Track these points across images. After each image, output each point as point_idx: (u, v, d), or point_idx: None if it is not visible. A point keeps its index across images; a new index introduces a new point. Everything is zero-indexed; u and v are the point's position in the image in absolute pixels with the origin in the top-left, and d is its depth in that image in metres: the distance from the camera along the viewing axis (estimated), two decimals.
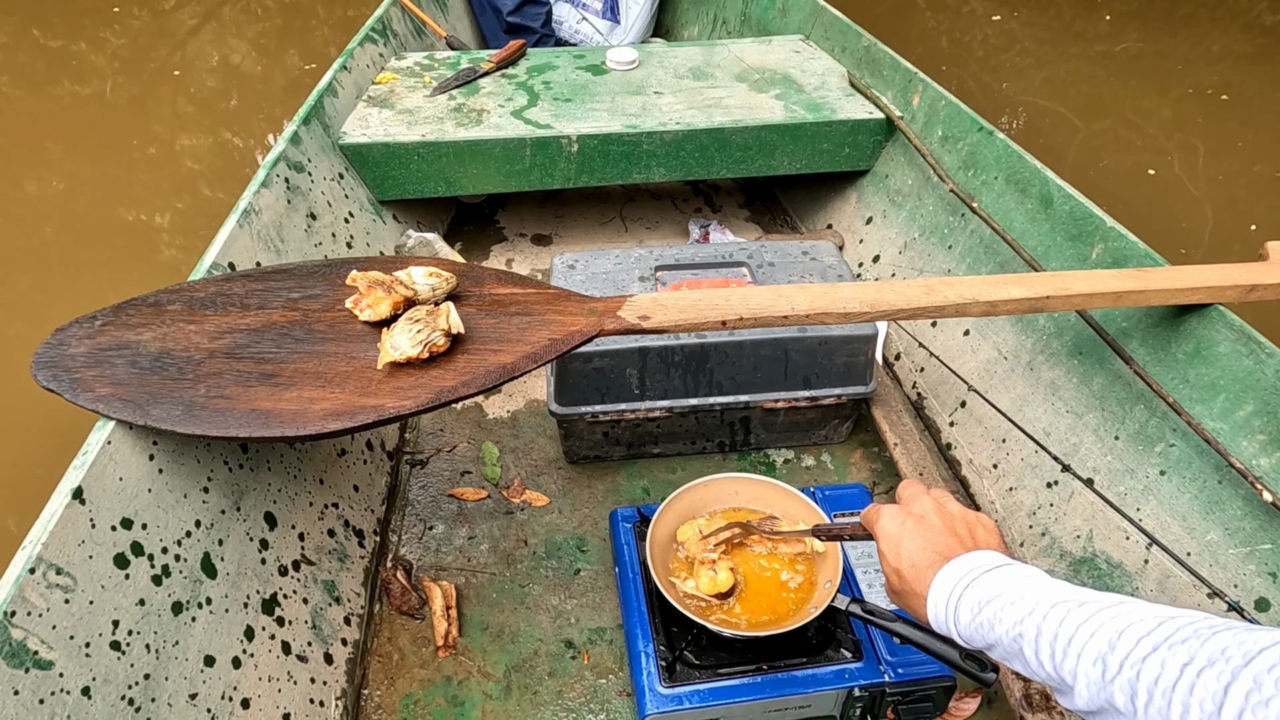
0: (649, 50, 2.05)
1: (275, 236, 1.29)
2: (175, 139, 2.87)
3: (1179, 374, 1.08)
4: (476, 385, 0.88)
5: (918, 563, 0.65)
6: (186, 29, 3.75)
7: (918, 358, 1.56)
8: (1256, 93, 3.04)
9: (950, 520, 0.67)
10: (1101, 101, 3.01)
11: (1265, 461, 0.96)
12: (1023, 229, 1.37)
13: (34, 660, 0.69)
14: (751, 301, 0.99)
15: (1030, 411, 1.28)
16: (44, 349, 0.92)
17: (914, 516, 0.69)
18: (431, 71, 1.91)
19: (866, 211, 1.82)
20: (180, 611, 0.86)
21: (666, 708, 0.95)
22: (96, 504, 0.79)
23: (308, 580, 1.07)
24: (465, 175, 1.69)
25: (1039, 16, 3.74)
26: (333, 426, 0.83)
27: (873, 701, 0.99)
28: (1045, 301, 1.01)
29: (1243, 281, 1.05)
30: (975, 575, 0.60)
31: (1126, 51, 3.37)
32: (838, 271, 1.39)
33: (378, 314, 0.94)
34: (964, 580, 0.61)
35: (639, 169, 1.73)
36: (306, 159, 1.49)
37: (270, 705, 0.93)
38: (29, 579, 0.71)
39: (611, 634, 1.17)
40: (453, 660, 1.13)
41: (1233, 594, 0.95)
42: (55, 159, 2.73)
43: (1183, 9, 3.75)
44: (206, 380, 0.89)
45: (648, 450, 1.42)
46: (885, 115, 1.73)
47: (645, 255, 1.41)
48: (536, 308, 0.99)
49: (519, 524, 1.32)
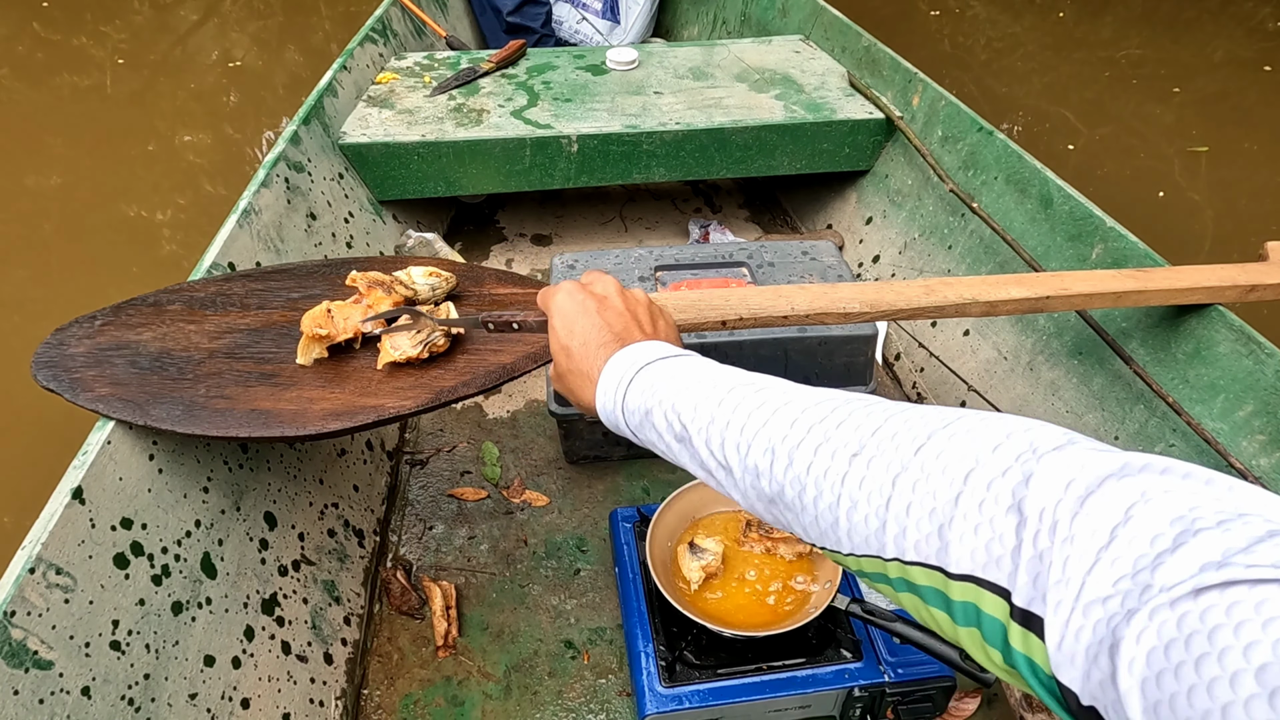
0: (649, 50, 2.05)
1: (275, 236, 1.29)
2: (176, 134, 2.87)
3: (1179, 374, 1.08)
4: (476, 385, 0.88)
5: (590, 341, 0.60)
6: (188, 24, 3.75)
7: (918, 358, 1.56)
8: (1259, 99, 3.04)
9: (633, 304, 0.63)
10: (1103, 107, 3.01)
11: (1265, 461, 0.96)
12: (1023, 229, 1.37)
13: (34, 660, 0.69)
14: (751, 301, 0.99)
15: (1030, 411, 1.28)
16: (44, 349, 0.92)
17: (595, 296, 0.63)
18: (431, 71, 1.91)
19: (866, 212, 1.82)
20: (180, 611, 0.86)
21: (666, 708, 0.95)
22: (96, 504, 0.79)
23: (308, 580, 1.07)
24: (465, 175, 1.69)
25: (1042, 21, 3.74)
26: (333, 426, 0.83)
27: (873, 701, 0.99)
28: (1045, 302, 1.01)
29: (1243, 281, 1.05)
30: (652, 360, 0.55)
31: (1129, 58, 3.37)
32: (838, 272, 1.39)
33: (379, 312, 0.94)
34: (639, 363, 0.56)
35: (639, 169, 1.73)
36: (306, 159, 1.49)
37: (270, 705, 0.93)
38: (29, 579, 0.71)
39: (611, 634, 1.17)
40: (453, 660, 1.13)
41: None
42: (55, 153, 2.73)
43: (1186, 13, 3.75)
44: (206, 380, 0.89)
45: (648, 450, 1.42)
46: (885, 115, 1.73)
47: (645, 255, 1.41)
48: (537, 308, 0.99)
49: (519, 524, 1.32)
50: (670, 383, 0.52)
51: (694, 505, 1.09)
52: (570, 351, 0.61)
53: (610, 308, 0.62)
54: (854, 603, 0.94)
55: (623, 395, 0.55)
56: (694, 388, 0.50)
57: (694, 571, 1.00)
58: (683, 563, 1.02)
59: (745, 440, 0.45)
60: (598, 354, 0.59)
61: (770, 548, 1.05)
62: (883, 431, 0.40)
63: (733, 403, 0.47)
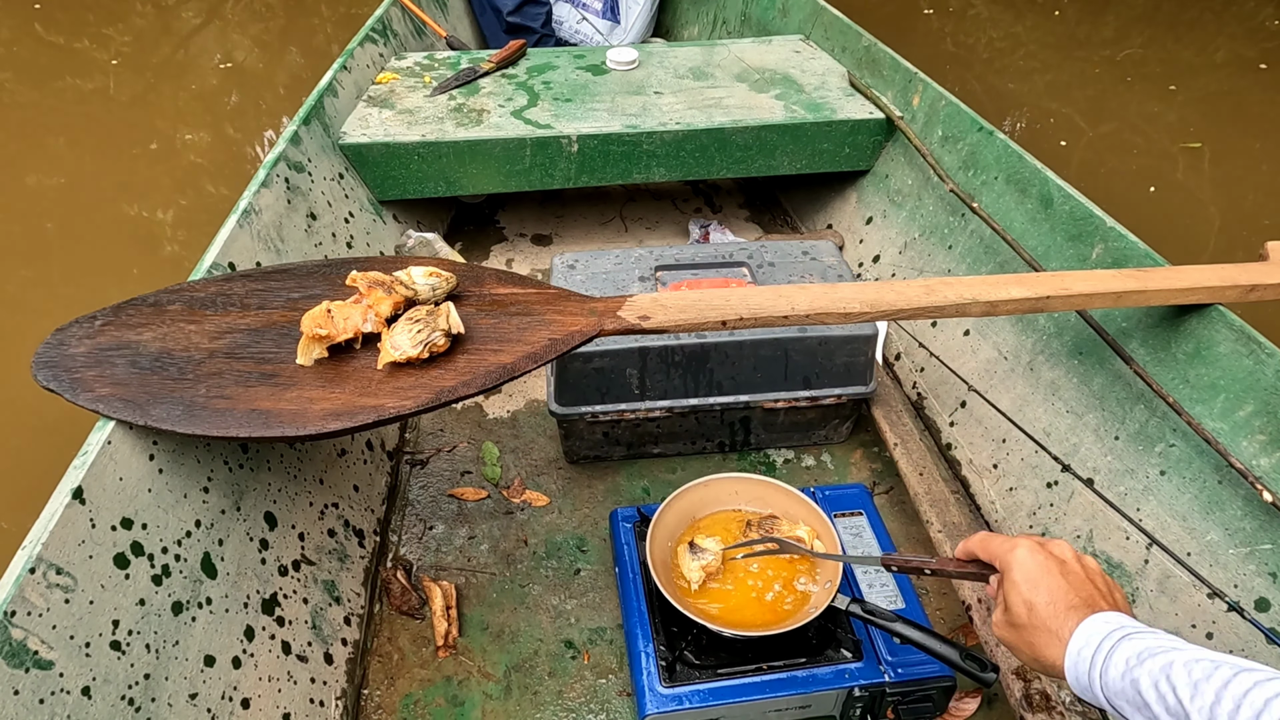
0: (649, 50, 2.05)
1: (275, 236, 1.29)
2: (178, 135, 2.87)
3: (1179, 374, 1.08)
4: (476, 385, 0.88)
5: (1058, 602, 0.61)
6: (190, 26, 3.75)
7: (918, 358, 1.56)
8: (1260, 98, 3.04)
9: (1092, 573, 0.64)
10: (1106, 105, 3.01)
11: (1265, 461, 0.96)
12: (1023, 229, 1.37)
13: (34, 660, 0.69)
14: (751, 301, 0.99)
15: (1030, 411, 1.28)
16: (44, 349, 0.92)
17: (1055, 558, 0.65)
18: (431, 71, 1.91)
19: (866, 211, 1.82)
20: (180, 611, 0.86)
21: (666, 708, 0.95)
22: (96, 504, 0.79)
23: (308, 580, 1.07)
24: (465, 175, 1.69)
25: (1044, 21, 3.74)
26: (333, 426, 0.83)
27: (873, 701, 0.99)
28: (1045, 301, 1.01)
29: (1243, 281, 1.05)
30: (1130, 631, 0.57)
31: (1131, 57, 3.37)
32: (838, 271, 1.39)
33: (380, 315, 0.94)
34: (1118, 633, 0.57)
35: (639, 169, 1.73)
36: (306, 159, 1.49)
37: (270, 705, 0.93)
38: (29, 579, 0.71)
39: (611, 634, 1.17)
40: (453, 660, 1.13)
41: (1233, 594, 0.95)
42: (58, 154, 2.73)
43: (1188, 13, 3.75)
44: (207, 380, 0.89)
45: (648, 450, 1.42)
46: (885, 115, 1.73)
47: (645, 255, 1.41)
48: (536, 308, 0.99)
49: (519, 524, 1.32)
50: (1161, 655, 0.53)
51: (694, 505, 1.09)
52: (1035, 609, 0.62)
53: (1072, 572, 0.64)
54: (854, 603, 0.94)
55: (1103, 663, 0.56)
56: (1193, 665, 0.51)
57: (694, 571, 1.00)
58: (682, 562, 1.02)
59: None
60: (1068, 615, 0.60)
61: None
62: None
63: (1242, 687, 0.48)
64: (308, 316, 0.90)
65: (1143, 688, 0.52)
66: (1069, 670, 0.59)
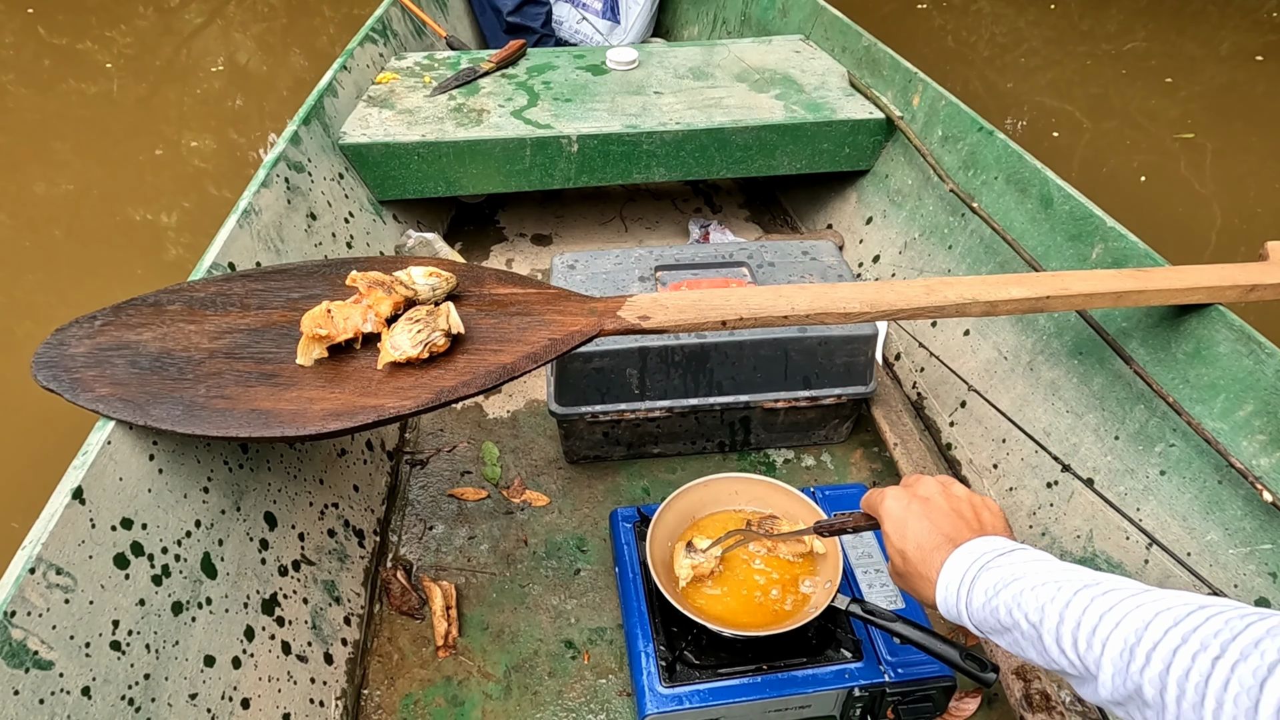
0: (649, 50, 2.05)
1: (275, 236, 1.30)
2: (182, 138, 2.88)
3: (1179, 374, 1.08)
4: (476, 385, 0.88)
5: (924, 544, 0.64)
6: (192, 27, 3.75)
7: (918, 358, 1.56)
8: (1265, 91, 3.03)
9: (956, 503, 0.66)
10: (1108, 101, 3.00)
11: (1265, 461, 0.96)
12: (1023, 229, 1.37)
13: (34, 660, 0.69)
14: (751, 301, 0.99)
15: (1030, 411, 1.28)
16: (44, 349, 0.92)
17: (919, 498, 0.67)
18: (431, 71, 1.91)
19: (866, 211, 1.82)
20: (180, 611, 0.86)
21: (666, 708, 0.95)
22: (96, 504, 0.79)
23: (308, 580, 1.07)
24: (465, 175, 1.69)
25: (1046, 15, 3.73)
26: (333, 426, 0.83)
27: (873, 701, 0.99)
28: (1045, 301, 1.01)
29: (1243, 281, 1.05)
30: (988, 559, 0.59)
31: (1134, 51, 3.36)
32: (838, 271, 1.39)
33: (380, 315, 0.94)
34: (977, 564, 0.59)
35: (639, 169, 1.73)
36: (306, 159, 1.49)
37: (270, 705, 0.94)
38: (29, 579, 0.71)
39: (611, 634, 1.17)
40: (453, 660, 1.13)
41: (1233, 594, 0.95)
42: (63, 158, 2.74)
43: (1191, 6, 3.74)
44: (206, 380, 0.89)
45: (648, 450, 1.42)
46: (885, 115, 1.73)
47: (645, 255, 1.41)
48: (536, 308, 0.99)
49: (519, 524, 1.32)
50: (1014, 583, 0.55)
51: (694, 505, 1.09)
52: (906, 555, 0.65)
53: (936, 508, 0.66)
54: (854, 603, 0.94)
55: (965, 595, 0.59)
56: (1040, 589, 0.53)
57: (683, 569, 1.00)
58: (676, 560, 1.02)
59: (1100, 639, 0.48)
60: (933, 556, 0.63)
61: (771, 548, 1.05)
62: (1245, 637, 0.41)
63: (1081, 604, 0.50)
64: (308, 316, 0.90)
65: (1001, 616, 0.55)
66: (941, 610, 0.62)
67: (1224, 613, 0.44)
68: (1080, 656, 0.49)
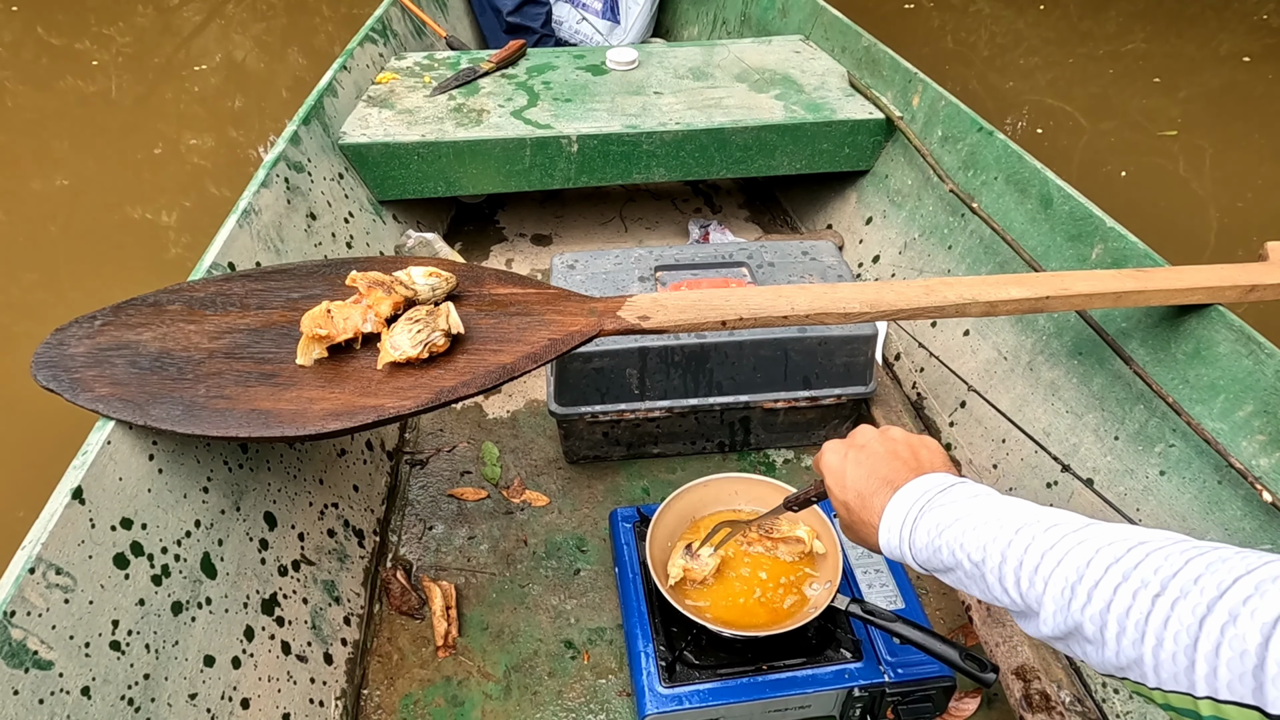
0: (649, 50, 2.05)
1: (275, 236, 1.29)
2: (181, 137, 2.87)
3: (1179, 374, 1.08)
4: (476, 385, 0.88)
5: (863, 491, 0.63)
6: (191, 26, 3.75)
7: (918, 358, 1.56)
8: (1264, 94, 3.04)
9: (892, 445, 0.65)
10: (1108, 102, 3.01)
11: (1265, 461, 0.96)
12: (1023, 229, 1.37)
13: (34, 660, 0.69)
14: (751, 302, 0.99)
15: (1030, 412, 1.28)
16: (44, 349, 0.92)
17: (855, 446, 0.67)
18: (431, 71, 1.91)
19: (866, 212, 1.82)
20: (180, 611, 0.86)
21: (666, 708, 0.95)
22: (96, 504, 0.79)
23: (307, 580, 1.07)
24: (465, 175, 1.69)
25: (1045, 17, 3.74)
26: (333, 426, 0.83)
27: (872, 701, 0.99)
28: (1045, 302, 1.01)
29: (1242, 282, 1.05)
30: (928, 498, 0.58)
31: (1133, 52, 3.36)
32: (838, 272, 1.39)
33: (380, 315, 0.94)
34: (917, 504, 0.59)
35: (639, 169, 1.73)
36: (306, 159, 1.49)
37: (270, 705, 0.93)
38: (29, 579, 0.71)
39: (611, 634, 1.17)
40: (452, 660, 1.13)
41: None
42: (61, 157, 2.74)
43: (1190, 9, 3.75)
44: (206, 380, 0.89)
45: (648, 450, 1.42)
46: (885, 115, 1.73)
47: (645, 255, 1.41)
48: (536, 308, 0.99)
49: (519, 524, 1.32)
50: (955, 524, 0.55)
51: (694, 505, 1.09)
52: (849, 505, 0.65)
53: (872, 453, 0.65)
54: (854, 603, 0.94)
55: (908, 537, 0.59)
56: (981, 528, 0.53)
57: (675, 568, 1.00)
58: (672, 560, 1.02)
59: (1041, 578, 0.48)
60: (873, 501, 0.62)
61: (770, 548, 1.05)
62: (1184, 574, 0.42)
63: (1023, 543, 0.50)
64: (307, 316, 0.90)
65: (944, 556, 0.56)
66: (885, 552, 0.62)
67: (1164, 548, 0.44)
68: (1022, 595, 0.49)
